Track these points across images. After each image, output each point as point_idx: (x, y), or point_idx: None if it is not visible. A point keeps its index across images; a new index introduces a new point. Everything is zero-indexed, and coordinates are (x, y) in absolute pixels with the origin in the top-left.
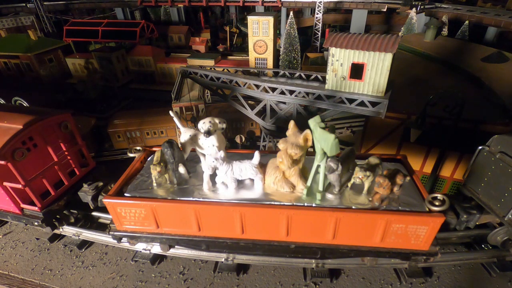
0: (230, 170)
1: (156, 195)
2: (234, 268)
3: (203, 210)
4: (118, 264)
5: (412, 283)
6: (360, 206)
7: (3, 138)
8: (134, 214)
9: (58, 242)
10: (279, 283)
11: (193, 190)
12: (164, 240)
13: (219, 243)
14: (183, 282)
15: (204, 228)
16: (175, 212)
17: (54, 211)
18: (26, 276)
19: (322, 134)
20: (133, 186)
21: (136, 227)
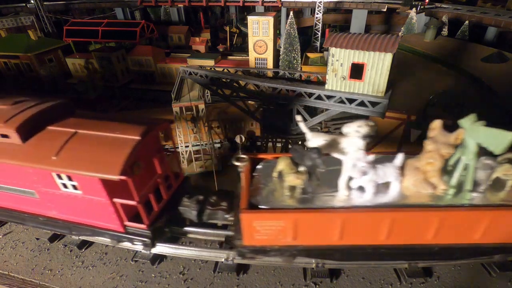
0: (375, 174)
1: (293, 205)
2: (234, 268)
3: (352, 217)
4: (118, 264)
5: (412, 283)
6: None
7: (123, 151)
8: (270, 227)
9: (58, 242)
10: (279, 283)
11: (328, 197)
12: (295, 252)
13: (356, 250)
14: (183, 282)
15: (346, 236)
16: (319, 221)
17: (159, 229)
18: (26, 276)
19: (489, 132)
20: (262, 198)
21: (267, 240)
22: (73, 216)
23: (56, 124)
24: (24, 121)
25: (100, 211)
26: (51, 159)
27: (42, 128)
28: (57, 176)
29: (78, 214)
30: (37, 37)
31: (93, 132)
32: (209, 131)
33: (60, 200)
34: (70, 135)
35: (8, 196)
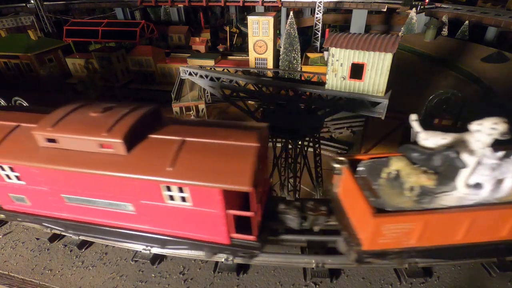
0: (498, 170)
1: (417, 206)
2: (234, 268)
3: (481, 216)
4: (118, 264)
5: (412, 283)
6: None
7: (248, 159)
8: (397, 230)
9: (58, 242)
10: (279, 283)
11: (447, 196)
12: (413, 253)
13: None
14: (183, 282)
15: (469, 234)
16: (448, 221)
17: (265, 239)
18: (26, 276)
19: None
20: (383, 200)
21: (390, 243)
22: (170, 229)
23: (157, 132)
24: (128, 129)
25: (207, 223)
26: (165, 170)
27: (143, 136)
28: (165, 188)
29: (177, 227)
30: (37, 37)
31: (203, 140)
32: None
33: (160, 213)
34: (179, 144)
35: (94, 210)
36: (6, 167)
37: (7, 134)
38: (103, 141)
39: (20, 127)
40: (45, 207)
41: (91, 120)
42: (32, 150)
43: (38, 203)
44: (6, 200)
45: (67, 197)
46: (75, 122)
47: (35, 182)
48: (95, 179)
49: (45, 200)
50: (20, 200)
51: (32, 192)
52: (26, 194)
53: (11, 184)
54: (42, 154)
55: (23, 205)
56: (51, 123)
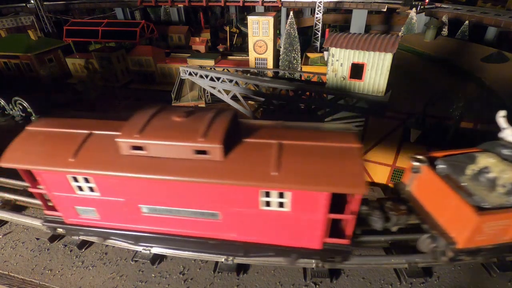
0: None
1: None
2: (234, 268)
3: None
4: (118, 264)
5: (412, 283)
6: None
7: (356, 162)
8: (495, 227)
9: (58, 242)
10: (279, 283)
11: None
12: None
13: None
14: (183, 282)
15: None
16: None
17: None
18: (26, 276)
19: None
20: (478, 197)
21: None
22: (256, 236)
23: (247, 136)
24: (225, 134)
25: (301, 228)
26: (270, 175)
27: (235, 141)
28: (264, 194)
29: (265, 233)
30: (37, 37)
31: (301, 143)
32: None
33: (250, 220)
34: (277, 147)
35: (173, 221)
36: (81, 178)
37: (82, 143)
38: (200, 146)
39: (93, 135)
40: (116, 219)
41: (178, 126)
42: (115, 159)
43: (109, 215)
44: (71, 213)
45: (145, 207)
46: (162, 128)
47: (112, 193)
48: (183, 187)
49: (118, 211)
50: (88, 213)
51: (105, 203)
52: (97, 206)
53: (82, 196)
54: (127, 163)
55: (90, 218)
56: (137, 129)
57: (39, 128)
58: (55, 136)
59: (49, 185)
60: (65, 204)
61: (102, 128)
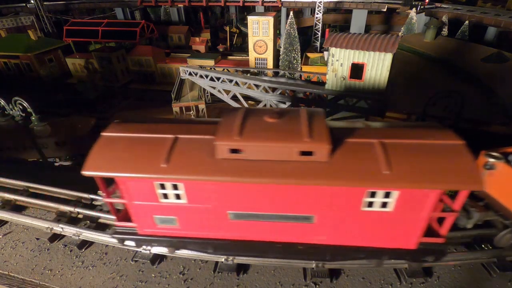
0: None
1: None
2: (234, 268)
3: None
4: (118, 264)
5: (412, 283)
6: None
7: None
8: None
9: (58, 242)
10: (279, 283)
11: None
12: None
13: None
14: (183, 282)
15: None
16: None
17: None
18: (26, 276)
19: None
20: None
21: None
22: (348, 239)
23: (344, 136)
24: (330, 134)
25: (400, 228)
26: (382, 174)
27: (339, 140)
28: (369, 194)
29: (358, 235)
30: (37, 37)
31: (402, 141)
32: None
33: (346, 222)
34: (380, 146)
35: (260, 226)
36: (169, 184)
37: (170, 147)
38: (306, 147)
39: (180, 139)
40: (198, 228)
41: (275, 127)
42: (211, 163)
43: (191, 224)
44: (147, 223)
45: (233, 213)
46: (261, 130)
47: (201, 200)
48: (280, 190)
49: (203, 219)
50: (167, 222)
51: (189, 211)
52: (180, 214)
53: (165, 204)
54: (225, 167)
55: (169, 227)
56: (236, 132)
57: (115, 133)
58: (138, 142)
59: (132, 193)
60: (143, 214)
61: (185, 132)
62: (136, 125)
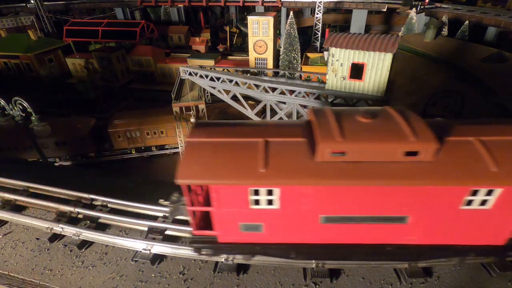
0: None
1: None
2: (234, 268)
3: None
4: (118, 264)
5: (412, 283)
6: None
7: None
8: None
9: (58, 242)
10: (279, 283)
11: None
12: None
13: None
14: (183, 282)
15: None
16: None
17: None
18: (26, 276)
19: None
20: None
21: None
22: (439, 237)
23: (450, 135)
24: (434, 133)
25: (495, 225)
26: (490, 172)
27: (441, 139)
28: (471, 193)
29: (451, 233)
30: (37, 37)
31: (499, 138)
32: None
33: (441, 221)
34: (480, 144)
35: (350, 229)
36: (264, 190)
37: (265, 152)
38: (413, 147)
39: (271, 143)
40: (284, 233)
41: (374, 127)
42: (312, 166)
43: (278, 229)
44: (230, 231)
45: (326, 217)
46: (360, 131)
47: (294, 204)
48: (378, 191)
49: (291, 224)
50: (253, 229)
51: (278, 216)
52: (268, 220)
53: (255, 210)
54: (327, 170)
55: (253, 234)
56: (337, 134)
57: (200, 139)
58: (227, 147)
59: (223, 200)
60: (229, 221)
61: (271, 135)
62: (217, 129)
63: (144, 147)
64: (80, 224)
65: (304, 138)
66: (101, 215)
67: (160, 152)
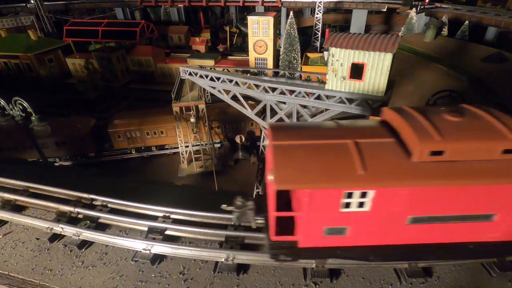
0: None
1: None
2: (234, 268)
3: None
4: (118, 264)
5: (412, 283)
6: None
7: None
8: None
9: (58, 242)
10: (279, 283)
11: None
12: None
13: None
14: (183, 282)
15: None
16: None
17: None
18: (26, 276)
19: None
20: None
21: None
22: None
23: None
24: None
25: None
26: None
27: None
28: None
29: None
30: (37, 37)
31: None
32: (209, 131)
33: None
34: None
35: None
36: (357, 193)
37: (359, 154)
38: None
39: (362, 144)
40: (369, 235)
41: (467, 125)
42: (408, 167)
43: (363, 231)
44: (313, 235)
45: (413, 217)
46: (456, 129)
47: (386, 206)
48: (472, 190)
49: (378, 226)
50: (336, 232)
51: (367, 219)
52: (354, 223)
53: (344, 213)
54: (426, 170)
55: (335, 237)
56: (435, 133)
57: (285, 142)
58: (318, 150)
59: (314, 205)
60: (314, 225)
61: (357, 136)
62: (296, 131)
63: (144, 147)
64: (80, 224)
65: (391, 138)
66: (101, 215)
67: (160, 152)
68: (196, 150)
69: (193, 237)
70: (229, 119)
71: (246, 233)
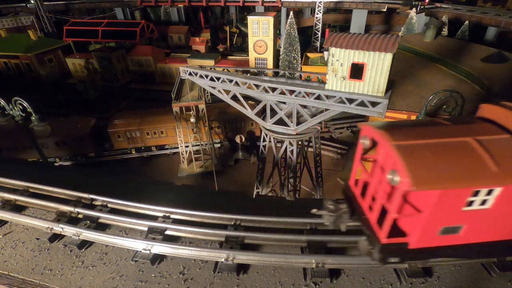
0: None
1: None
2: (234, 268)
3: None
4: (118, 264)
5: (412, 283)
6: None
7: None
8: None
9: (58, 242)
10: (279, 283)
11: None
12: None
13: None
14: (183, 282)
15: None
16: None
17: None
18: (26, 276)
19: None
20: None
21: None
22: None
23: None
24: None
25: None
26: None
27: None
28: None
29: None
30: (37, 37)
31: None
32: (209, 131)
33: None
34: None
35: None
36: (484, 191)
37: (486, 151)
38: None
39: (484, 141)
40: (480, 233)
41: None
42: None
43: (477, 229)
44: (428, 235)
45: None
46: None
47: (508, 203)
48: None
49: (493, 223)
50: (451, 232)
51: (483, 216)
52: (470, 221)
53: (463, 212)
54: None
55: (447, 236)
56: None
57: (406, 142)
58: (442, 149)
59: (440, 205)
60: (432, 226)
61: (471, 133)
62: (407, 130)
63: (144, 147)
64: (80, 224)
65: (507, 134)
66: (101, 215)
67: (160, 152)
68: (196, 150)
69: (193, 237)
70: (229, 119)
71: (246, 233)
